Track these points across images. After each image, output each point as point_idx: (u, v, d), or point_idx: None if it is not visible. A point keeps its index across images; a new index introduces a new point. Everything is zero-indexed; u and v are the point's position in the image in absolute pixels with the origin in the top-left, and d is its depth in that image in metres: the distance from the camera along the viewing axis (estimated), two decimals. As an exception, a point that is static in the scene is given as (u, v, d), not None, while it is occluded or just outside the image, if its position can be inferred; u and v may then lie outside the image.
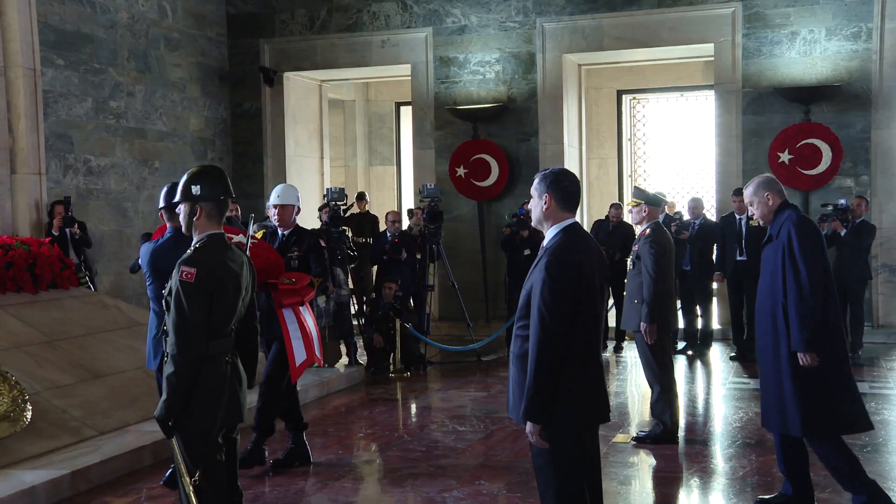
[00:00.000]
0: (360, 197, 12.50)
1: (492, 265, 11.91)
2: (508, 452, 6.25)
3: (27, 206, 8.80)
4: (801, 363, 4.52)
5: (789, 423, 4.59)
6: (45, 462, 5.64)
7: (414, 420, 7.76)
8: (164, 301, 3.79)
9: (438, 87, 12.20)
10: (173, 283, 3.69)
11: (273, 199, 6.25)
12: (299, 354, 5.75)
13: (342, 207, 9.75)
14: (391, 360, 9.45)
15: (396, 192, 16.11)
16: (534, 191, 3.62)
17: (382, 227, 11.19)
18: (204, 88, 12.37)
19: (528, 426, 3.43)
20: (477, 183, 12.04)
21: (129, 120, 11.02)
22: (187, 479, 3.69)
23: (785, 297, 4.57)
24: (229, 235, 6.06)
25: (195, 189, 3.78)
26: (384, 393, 8.59)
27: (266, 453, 5.98)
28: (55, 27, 9.77)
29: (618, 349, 10.45)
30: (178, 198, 3.85)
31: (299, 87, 13.16)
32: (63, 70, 9.96)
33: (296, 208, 6.21)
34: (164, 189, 5.45)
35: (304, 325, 5.82)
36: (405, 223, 11.22)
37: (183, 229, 3.88)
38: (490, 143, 11.99)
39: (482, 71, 12.07)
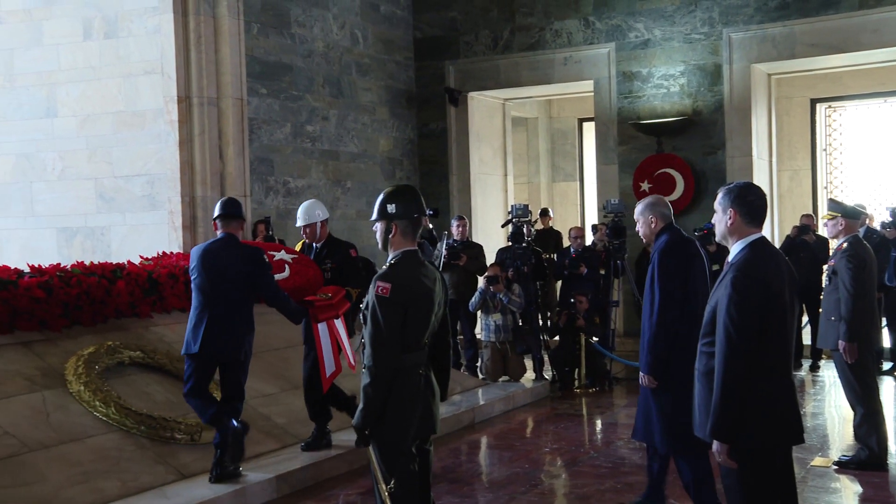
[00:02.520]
0: (544, 213, 12.58)
1: (678, 281, 11.65)
2: (697, 472, 6.12)
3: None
4: (640, 382, 4.82)
5: (655, 437, 4.86)
6: (253, 466, 6.05)
7: (600, 436, 7.73)
8: (361, 314, 4.00)
9: (621, 102, 12.13)
10: (370, 297, 3.87)
11: (298, 221, 6.59)
12: (329, 366, 6.19)
13: (526, 223, 9.87)
14: (576, 376, 9.46)
15: (580, 208, 16.07)
16: (717, 205, 3.58)
17: (566, 243, 11.23)
18: (392, 110, 12.86)
19: (716, 445, 3.38)
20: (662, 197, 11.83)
21: (323, 143, 11.62)
22: (383, 487, 3.85)
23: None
24: (270, 253, 6.39)
25: (390, 208, 3.92)
26: (569, 408, 8.60)
27: (331, 436, 6.49)
28: (260, 59, 10.47)
29: (814, 368, 9.98)
30: (374, 216, 4.02)
31: (483, 107, 13.43)
32: (265, 98, 10.65)
33: (318, 224, 6.50)
34: (221, 201, 6.02)
35: (337, 338, 6.22)
36: (588, 239, 11.20)
37: (379, 246, 4.06)
38: (675, 157, 11.78)
39: (666, 84, 11.89)
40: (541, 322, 10.51)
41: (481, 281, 9.48)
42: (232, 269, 5.80)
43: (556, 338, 10.01)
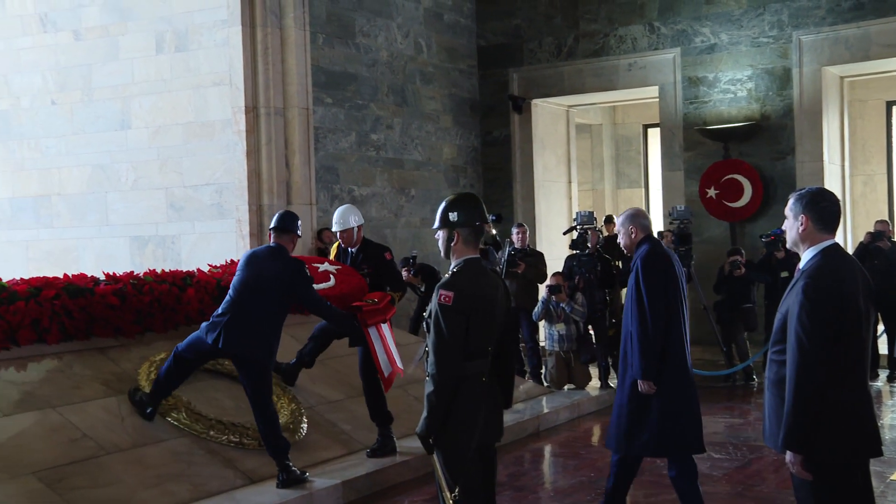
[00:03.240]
0: (609, 220, 12.48)
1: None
2: (770, 483, 6.01)
3: (300, 235, 9.56)
4: (639, 389, 4.82)
5: (635, 442, 4.89)
6: (320, 471, 6.12)
7: (666, 446, 7.63)
8: (424, 323, 4.02)
9: (687, 107, 11.98)
10: (433, 305, 3.88)
11: (333, 227, 6.61)
12: (385, 367, 6.24)
13: (590, 230, 9.80)
14: (641, 385, 9.35)
15: (645, 215, 15.90)
16: (789, 211, 3.51)
17: (631, 250, 11.11)
18: (456, 118, 12.90)
19: (789, 456, 3.31)
20: (729, 204, 11.66)
21: (388, 151, 11.72)
22: (447, 494, 3.85)
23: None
24: (314, 265, 6.41)
25: (452, 216, 3.93)
26: (635, 417, 8.51)
27: (395, 440, 6.51)
28: (325, 69, 10.62)
29: (891, 378, 9.70)
30: (436, 224, 4.04)
31: (547, 114, 13.39)
32: (331, 107, 10.79)
33: (354, 229, 6.56)
34: (278, 213, 6.18)
35: (385, 341, 6.27)
36: (654, 246, 11.05)
37: (441, 254, 4.08)
38: (742, 163, 11.58)
39: (733, 89, 11.72)
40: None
41: (543, 290, 9.44)
42: (271, 276, 5.89)
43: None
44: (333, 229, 6.70)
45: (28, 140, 10.39)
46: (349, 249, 6.70)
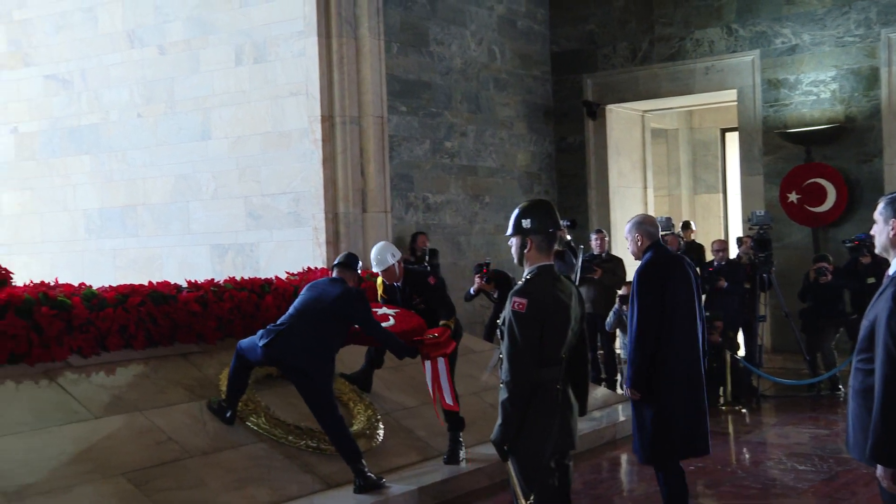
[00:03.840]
0: (686, 226, 12.31)
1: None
2: (859, 497, 5.83)
3: (375, 242, 9.59)
4: (625, 395, 5.04)
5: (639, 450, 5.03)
6: (397, 477, 6.16)
7: (747, 455, 7.47)
8: (498, 330, 4.03)
9: (767, 110, 11.74)
10: (507, 312, 3.88)
11: (373, 267, 6.67)
12: (447, 398, 6.35)
13: (669, 235, 9.68)
14: (721, 393, 9.18)
15: (723, 220, 15.63)
16: (878, 216, 3.41)
17: (709, 256, 10.95)
18: (530, 125, 12.88)
19: (879, 469, 3.21)
20: (811, 208, 11.38)
21: (462, 158, 11.76)
22: (523, 502, 3.84)
23: None
24: (373, 309, 6.44)
25: (525, 223, 3.91)
26: (714, 426, 8.28)
27: (464, 448, 6.55)
28: (399, 77, 10.72)
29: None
30: (509, 231, 4.03)
31: (622, 119, 13.27)
32: (405, 116, 10.88)
33: (395, 265, 6.61)
34: (344, 253, 6.58)
35: (448, 375, 6.35)
36: (733, 252, 10.87)
37: (515, 261, 4.08)
38: (825, 167, 11.30)
39: (815, 91, 11.44)
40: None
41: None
42: (331, 298, 6.04)
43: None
44: (374, 270, 6.79)
45: (116, 152, 10.74)
46: (394, 284, 6.78)
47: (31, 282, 7.35)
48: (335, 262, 6.42)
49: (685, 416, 4.94)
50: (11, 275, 8.03)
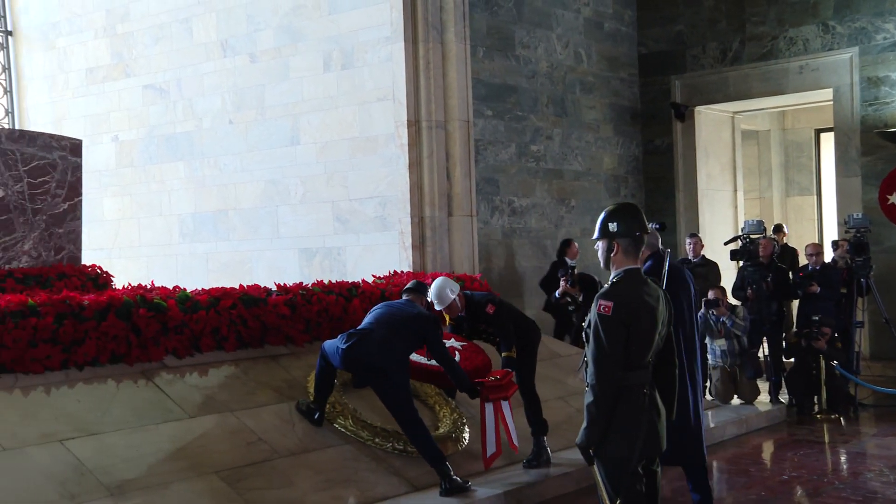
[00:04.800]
0: (777, 229, 11.98)
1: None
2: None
3: (461, 246, 9.71)
4: None
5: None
6: (482, 481, 6.16)
7: (845, 466, 7.23)
8: (584, 333, 4.00)
9: (865, 109, 11.35)
10: (592, 315, 3.86)
11: (436, 306, 6.66)
12: (490, 446, 6.26)
13: (764, 239, 9.45)
14: (816, 401, 8.91)
15: (817, 223, 15.17)
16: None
17: (803, 260, 10.65)
18: (616, 128, 12.74)
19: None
20: (912, 211, 10.95)
21: (547, 162, 11.70)
22: (609, 507, 3.83)
23: None
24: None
25: (612, 226, 3.92)
26: (809, 434, 8.12)
27: (550, 452, 6.52)
28: (485, 81, 10.73)
29: None
30: (595, 235, 4.02)
31: (711, 121, 13.02)
32: (491, 120, 10.89)
33: (455, 299, 6.59)
34: (414, 281, 6.67)
35: (503, 420, 6.33)
36: (828, 256, 10.55)
37: (601, 264, 4.05)
38: (928, 167, 10.86)
39: (918, 88, 11.02)
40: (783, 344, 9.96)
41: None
42: (407, 315, 6.16)
43: (792, 360, 9.48)
44: (436, 309, 6.79)
45: (208, 158, 11.04)
46: (459, 315, 6.78)
47: (130, 284, 7.63)
48: (406, 288, 6.57)
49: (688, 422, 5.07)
50: (112, 278, 8.35)
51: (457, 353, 6.68)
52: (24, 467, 5.08)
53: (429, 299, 6.67)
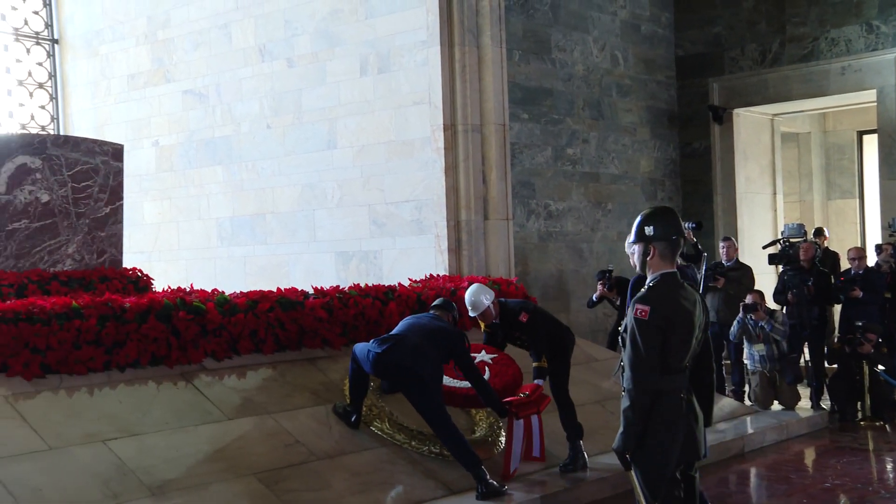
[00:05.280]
0: (818, 233, 11.82)
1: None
2: None
3: (497, 250, 9.70)
4: None
5: None
6: (518, 485, 6.12)
7: (892, 475, 7.10)
8: (619, 337, 3.98)
9: (910, 110, 11.18)
10: (628, 319, 3.84)
11: (470, 313, 6.66)
12: (515, 461, 6.22)
13: (804, 242, 9.33)
14: (859, 407, 8.78)
15: (859, 227, 14.95)
16: None
17: (845, 264, 10.49)
18: (653, 130, 12.66)
19: None
20: (958, 214, 10.75)
21: (584, 165, 11.66)
22: (647, 512, 3.80)
23: None
24: (472, 354, 6.42)
25: (648, 230, 3.90)
26: (853, 441, 7.99)
27: (587, 457, 6.46)
28: (521, 85, 10.73)
29: None
30: (631, 238, 3.99)
31: (749, 123, 12.89)
32: (527, 123, 10.87)
33: (490, 306, 6.54)
34: (441, 299, 6.75)
35: (529, 436, 6.32)
36: (871, 259, 10.38)
37: (637, 269, 4.03)
38: (974, 169, 10.66)
39: (963, 89, 10.83)
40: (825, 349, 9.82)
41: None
42: (437, 328, 6.21)
43: (834, 366, 9.34)
44: (471, 315, 6.79)
45: (246, 162, 11.14)
46: (493, 322, 6.76)
47: (169, 287, 7.71)
48: (433, 304, 6.62)
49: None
50: (152, 281, 8.46)
51: (486, 368, 6.66)
52: (69, 466, 5.17)
53: (466, 305, 6.70)
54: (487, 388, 6.22)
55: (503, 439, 6.60)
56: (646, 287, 3.87)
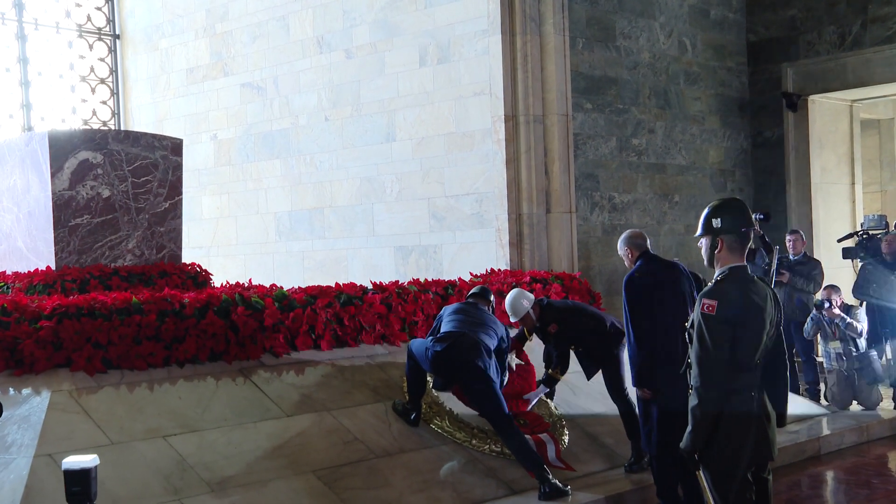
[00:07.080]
0: (900, 224, 11.34)
1: None
2: None
3: (559, 244, 9.49)
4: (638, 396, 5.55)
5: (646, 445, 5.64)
6: (582, 485, 5.99)
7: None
8: (686, 334, 3.85)
9: None
10: (696, 315, 3.72)
11: (510, 318, 6.62)
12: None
13: (879, 237, 8.93)
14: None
15: (945, 218, 14.35)
16: None
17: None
18: (723, 119, 12.29)
19: None
20: None
21: (649, 156, 11.36)
22: (716, 514, 3.66)
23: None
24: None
25: (716, 222, 3.82)
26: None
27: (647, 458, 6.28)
28: (585, 74, 10.47)
29: None
30: (699, 231, 3.94)
31: (826, 110, 12.42)
32: (591, 113, 10.62)
33: (530, 311, 6.50)
34: (479, 286, 6.78)
35: (557, 448, 6.27)
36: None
37: (705, 262, 3.93)
38: None
39: None
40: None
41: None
42: (485, 317, 6.26)
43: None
44: (511, 321, 6.69)
45: (304, 156, 11.11)
46: (535, 325, 6.62)
47: (228, 283, 7.70)
48: (471, 293, 6.65)
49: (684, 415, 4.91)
50: (211, 276, 8.46)
51: (512, 366, 6.67)
52: (132, 461, 5.20)
53: (506, 310, 6.67)
54: (498, 398, 6.11)
55: (566, 438, 6.46)
56: (713, 281, 3.81)
